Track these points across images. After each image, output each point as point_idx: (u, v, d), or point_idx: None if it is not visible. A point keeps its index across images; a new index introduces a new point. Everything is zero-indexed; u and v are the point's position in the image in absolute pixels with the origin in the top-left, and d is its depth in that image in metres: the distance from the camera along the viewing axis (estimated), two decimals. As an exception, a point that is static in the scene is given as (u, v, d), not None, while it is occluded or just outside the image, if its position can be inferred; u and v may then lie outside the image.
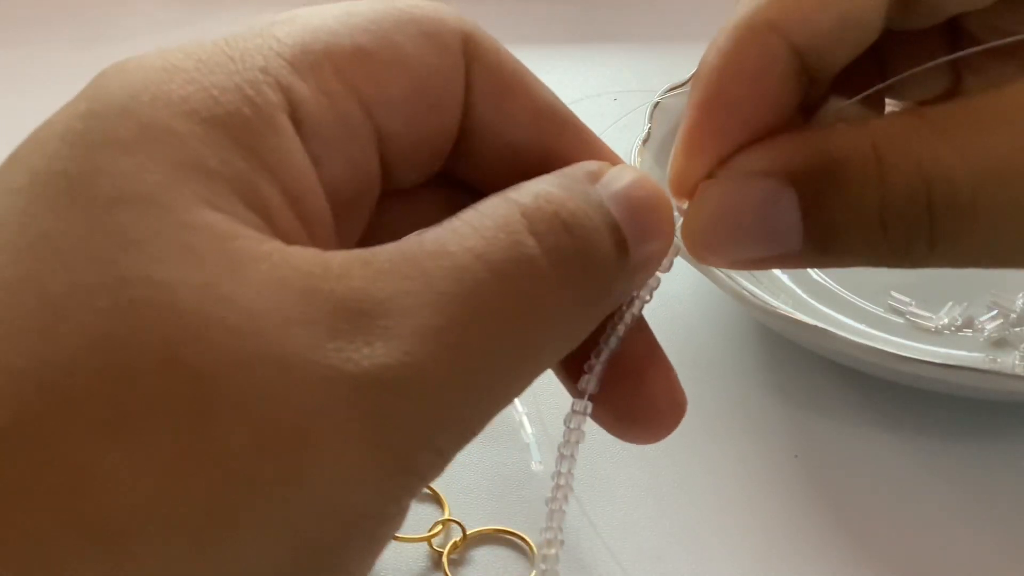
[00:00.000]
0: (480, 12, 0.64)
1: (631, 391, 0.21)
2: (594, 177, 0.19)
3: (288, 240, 0.17)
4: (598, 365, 0.21)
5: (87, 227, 0.15)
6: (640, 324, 0.22)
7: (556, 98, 0.22)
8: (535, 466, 0.29)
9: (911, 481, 0.30)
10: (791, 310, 0.31)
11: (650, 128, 0.38)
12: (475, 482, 0.30)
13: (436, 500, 0.29)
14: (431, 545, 0.28)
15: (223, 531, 0.15)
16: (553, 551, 0.21)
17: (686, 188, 0.20)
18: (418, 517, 0.29)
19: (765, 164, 0.19)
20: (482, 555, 0.28)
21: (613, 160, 0.21)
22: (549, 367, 0.19)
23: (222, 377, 0.15)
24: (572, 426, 0.21)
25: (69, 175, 0.16)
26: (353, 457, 0.16)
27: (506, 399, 0.18)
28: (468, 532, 0.28)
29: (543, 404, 0.32)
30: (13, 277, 0.15)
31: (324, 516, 0.16)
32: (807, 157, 0.18)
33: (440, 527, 0.28)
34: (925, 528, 0.29)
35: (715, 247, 0.20)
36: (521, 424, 0.30)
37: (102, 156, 0.16)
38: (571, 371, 0.21)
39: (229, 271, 0.16)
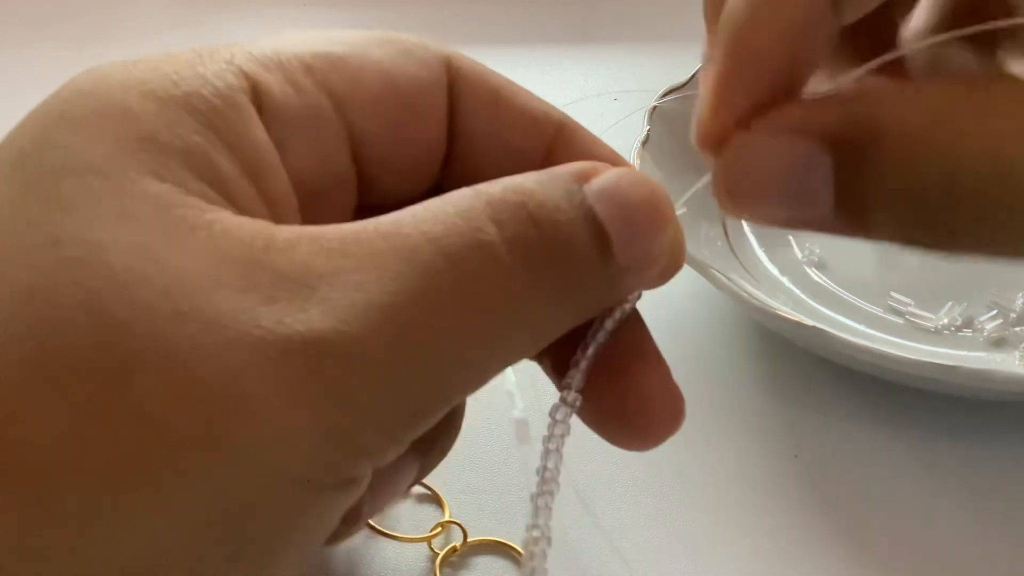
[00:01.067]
0: (480, 12, 0.64)
1: (621, 390, 0.21)
2: (582, 176, 0.19)
3: (247, 214, 0.17)
4: (583, 360, 0.20)
5: (30, 194, 0.16)
6: (634, 320, 0.22)
7: (549, 106, 0.22)
8: (517, 413, 0.28)
9: (911, 481, 0.30)
10: (790, 311, 0.31)
11: (650, 129, 0.38)
12: (475, 483, 0.30)
13: (436, 501, 0.29)
14: (431, 546, 0.28)
15: (141, 484, 0.14)
16: (540, 548, 0.21)
17: (713, 141, 0.19)
18: (420, 517, 0.28)
19: (803, 123, 0.17)
20: (480, 562, 0.27)
21: (615, 162, 0.21)
22: (515, 360, 0.19)
23: (147, 332, 0.15)
24: (558, 418, 0.20)
25: (23, 149, 0.16)
26: (281, 418, 0.15)
27: (462, 387, 0.18)
28: (468, 539, 0.28)
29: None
30: None
31: (249, 476, 0.15)
32: (848, 122, 0.17)
33: (440, 528, 0.28)
34: (925, 528, 0.29)
35: (745, 202, 0.19)
36: (511, 395, 0.30)
37: (55, 132, 0.17)
38: (560, 369, 0.21)
39: (164, 235, 0.16)
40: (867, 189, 0.17)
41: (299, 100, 0.19)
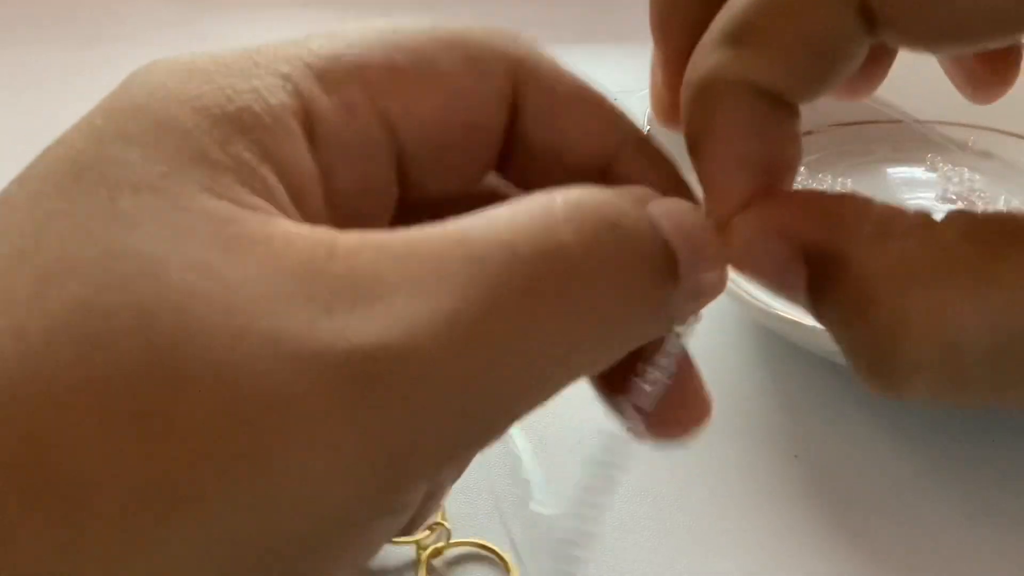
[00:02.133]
0: (481, 13, 0.64)
1: (668, 395, 0.21)
2: (646, 198, 0.18)
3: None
4: (653, 383, 0.20)
5: (88, 208, 0.16)
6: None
7: (619, 115, 0.21)
8: (534, 506, 0.28)
9: (911, 481, 0.30)
10: (791, 311, 0.31)
11: (649, 129, 0.38)
12: (475, 482, 0.30)
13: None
14: (418, 546, 0.27)
15: (180, 505, 0.14)
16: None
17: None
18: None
19: (785, 227, 0.19)
20: (464, 565, 0.27)
21: (677, 183, 0.21)
22: (583, 374, 0.18)
23: (200, 348, 0.14)
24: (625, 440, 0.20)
25: (79, 163, 0.16)
26: (337, 439, 0.15)
27: (530, 400, 0.17)
28: (451, 540, 0.27)
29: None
30: (14, 250, 0.15)
31: (295, 504, 0.15)
32: (820, 241, 0.18)
33: (429, 531, 0.28)
34: (925, 528, 0.29)
35: (748, 277, 0.20)
36: (518, 457, 0.30)
37: (112, 147, 0.16)
38: (609, 388, 0.21)
39: (223, 250, 0.15)
40: (831, 311, 0.18)
41: (351, 125, 0.19)
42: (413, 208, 0.20)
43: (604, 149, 0.21)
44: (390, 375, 0.15)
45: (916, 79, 0.45)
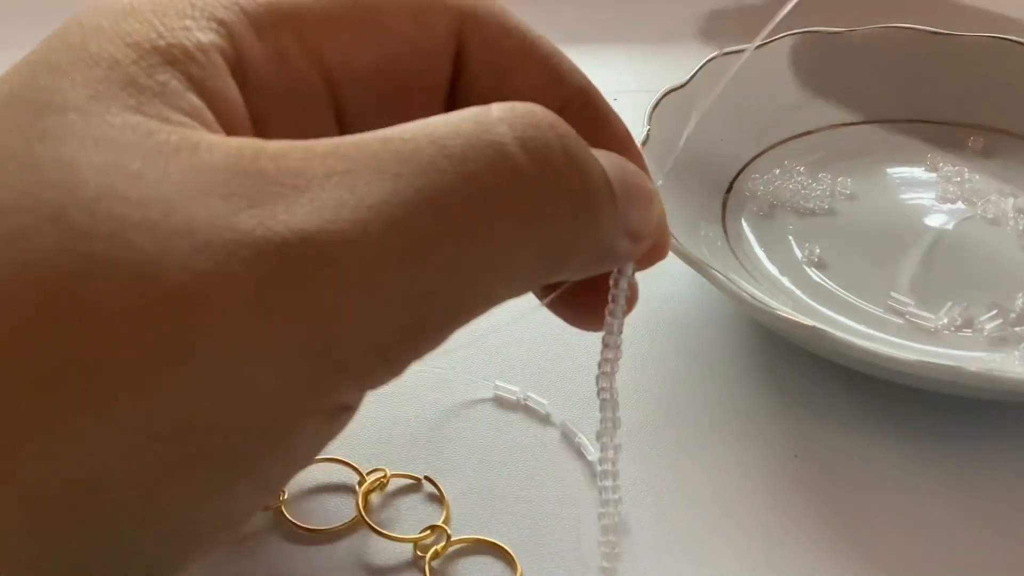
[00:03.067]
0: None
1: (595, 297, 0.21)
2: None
3: None
4: (612, 334, 0.21)
5: (12, 128, 0.16)
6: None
7: (571, 69, 0.21)
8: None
9: (911, 481, 0.30)
10: (790, 311, 0.31)
11: (649, 129, 0.38)
12: (478, 484, 0.30)
13: (440, 501, 0.29)
14: (416, 547, 0.27)
15: (89, 392, 0.14)
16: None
17: None
18: (417, 518, 0.28)
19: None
20: (466, 564, 0.27)
21: (627, 142, 0.21)
22: (521, 287, 0.18)
23: (113, 239, 0.14)
24: (603, 385, 0.22)
25: (12, 92, 0.17)
26: (249, 327, 0.14)
27: (465, 301, 0.16)
28: (451, 540, 0.27)
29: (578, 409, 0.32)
30: None
31: (208, 392, 0.14)
32: None
33: (430, 531, 0.27)
34: (925, 528, 0.29)
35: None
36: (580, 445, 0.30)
37: (42, 77, 0.17)
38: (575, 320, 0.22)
39: (144, 156, 0.15)
40: None
41: (283, 73, 0.19)
42: None
43: (551, 103, 0.20)
44: (310, 263, 0.15)
45: (916, 79, 0.45)
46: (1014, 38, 0.45)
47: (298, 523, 0.28)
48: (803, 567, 0.27)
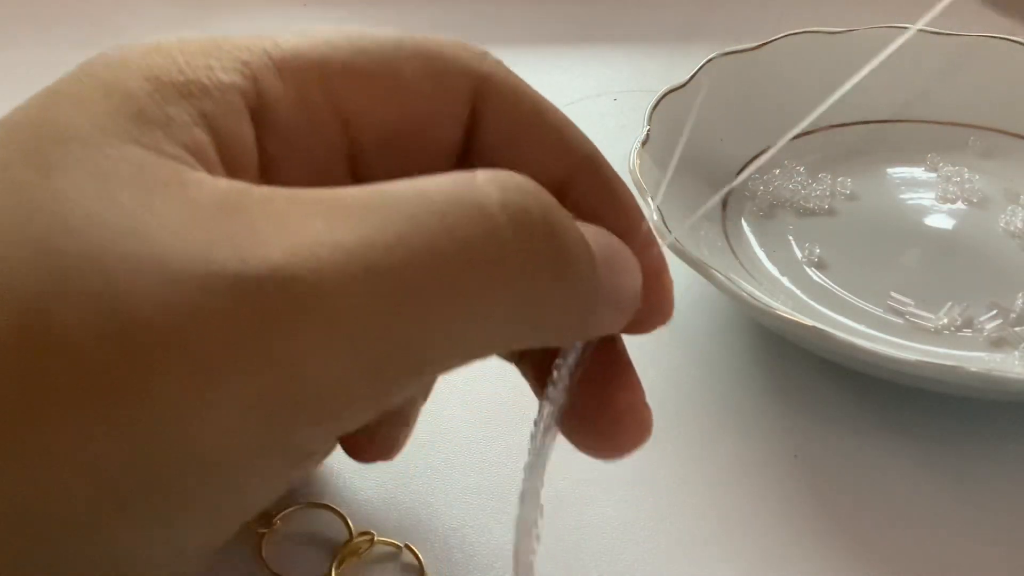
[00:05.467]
0: (480, 12, 0.64)
1: (596, 406, 0.21)
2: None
3: None
4: (560, 382, 0.20)
5: (12, 157, 0.16)
6: (612, 340, 0.22)
7: (579, 137, 0.21)
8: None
9: (911, 481, 0.30)
10: (791, 311, 0.31)
11: (649, 129, 0.38)
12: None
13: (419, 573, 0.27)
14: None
15: (41, 421, 0.14)
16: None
17: None
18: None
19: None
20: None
21: (632, 208, 0.21)
22: (496, 344, 0.17)
23: (87, 265, 0.14)
24: (538, 437, 0.20)
25: (27, 116, 0.17)
26: (218, 366, 0.14)
27: (437, 354, 0.16)
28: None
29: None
30: None
31: (169, 431, 0.14)
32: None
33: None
34: (925, 528, 0.29)
35: None
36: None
37: (55, 106, 0.17)
38: (541, 381, 0.21)
39: (134, 188, 0.15)
40: None
41: (304, 117, 0.19)
42: None
43: (558, 172, 0.21)
44: (283, 301, 0.14)
45: (917, 79, 0.45)
46: (1014, 38, 0.45)
47: (272, 567, 0.27)
48: (803, 567, 0.27)
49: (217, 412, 0.14)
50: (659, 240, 0.22)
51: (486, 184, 0.17)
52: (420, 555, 0.27)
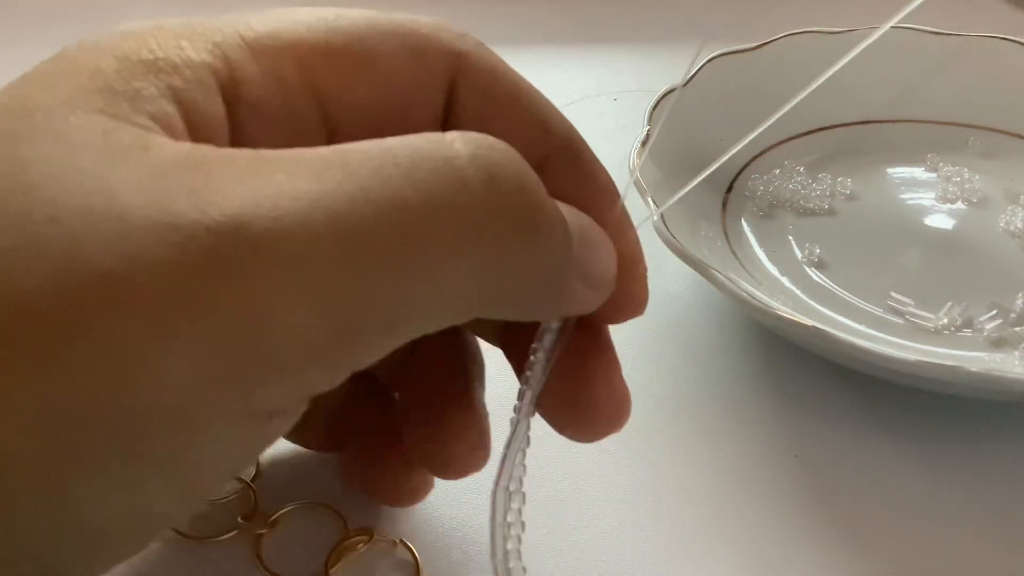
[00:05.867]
0: (480, 12, 0.64)
1: (574, 387, 0.21)
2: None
3: None
4: (537, 364, 0.20)
5: None
6: (591, 325, 0.21)
7: (558, 118, 0.21)
8: None
9: (911, 481, 0.30)
10: (790, 311, 0.31)
11: (649, 129, 0.38)
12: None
13: (415, 568, 0.27)
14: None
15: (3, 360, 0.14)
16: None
17: None
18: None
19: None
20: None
21: (609, 190, 0.21)
22: (468, 307, 0.17)
23: (45, 221, 0.14)
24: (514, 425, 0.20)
25: (0, 100, 0.17)
26: (171, 314, 0.14)
27: (404, 310, 0.16)
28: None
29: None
30: None
31: (122, 379, 0.14)
32: None
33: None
34: (925, 528, 0.29)
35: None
36: None
37: (26, 86, 0.17)
38: (519, 364, 0.21)
39: (95, 151, 0.15)
40: None
41: (280, 97, 0.19)
42: None
43: (536, 152, 0.20)
44: (242, 250, 0.14)
45: (916, 79, 0.45)
46: (1014, 38, 0.45)
47: (270, 567, 0.26)
48: (803, 567, 0.27)
49: (174, 360, 0.14)
50: (636, 224, 0.21)
51: (456, 140, 0.16)
52: (416, 552, 0.27)
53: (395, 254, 0.15)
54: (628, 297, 0.21)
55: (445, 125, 0.21)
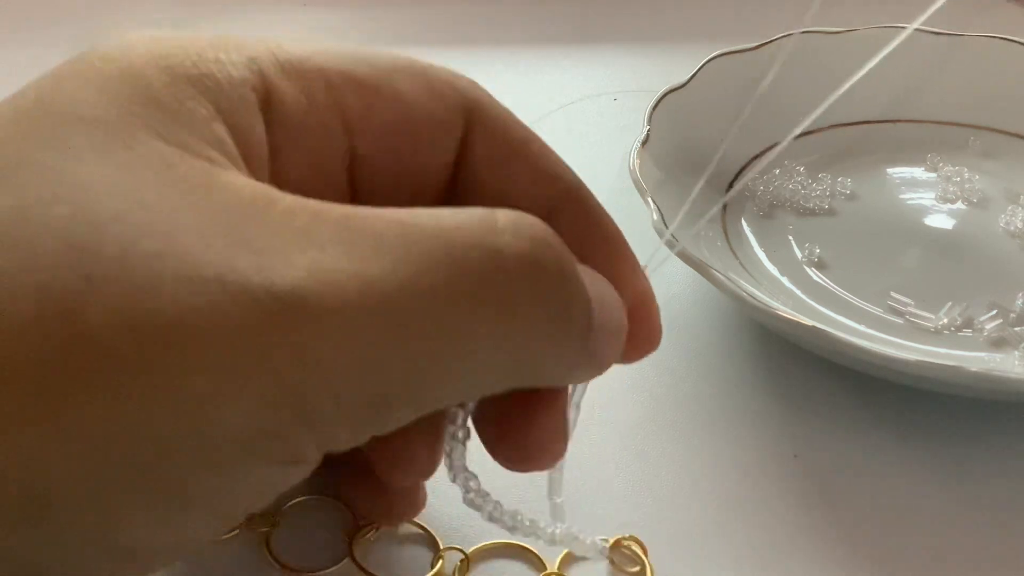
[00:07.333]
0: (480, 13, 0.64)
1: (518, 431, 0.21)
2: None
3: None
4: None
5: (35, 138, 0.16)
6: None
7: (564, 169, 0.22)
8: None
9: (911, 481, 0.30)
10: (791, 311, 0.31)
11: (649, 129, 0.38)
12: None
13: (430, 540, 0.27)
14: None
15: (57, 398, 0.14)
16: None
17: None
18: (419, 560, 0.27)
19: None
20: (489, 570, 0.27)
21: (616, 240, 0.22)
22: (495, 384, 0.18)
23: (114, 261, 0.15)
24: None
25: (37, 98, 0.17)
26: (234, 367, 0.15)
27: (435, 387, 0.17)
28: (469, 552, 0.27)
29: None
30: None
31: (181, 423, 0.15)
32: None
33: (440, 561, 0.27)
34: (925, 528, 0.29)
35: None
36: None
37: (70, 85, 0.17)
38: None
39: (160, 184, 0.16)
40: None
41: (309, 113, 0.19)
42: None
43: (544, 201, 0.21)
44: (299, 317, 0.15)
45: (916, 79, 0.45)
46: (1014, 38, 0.45)
47: (283, 561, 0.26)
48: (803, 567, 0.27)
49: (231, 413, 0.15)
50: (661, 259, 0.23)
51: (506, 230, 0.17)
52: (431, 529, 0.27)
53: (439, 340, 0.16)
54: (641, 340, 0.22)
55: (459, 164, 0.21)
